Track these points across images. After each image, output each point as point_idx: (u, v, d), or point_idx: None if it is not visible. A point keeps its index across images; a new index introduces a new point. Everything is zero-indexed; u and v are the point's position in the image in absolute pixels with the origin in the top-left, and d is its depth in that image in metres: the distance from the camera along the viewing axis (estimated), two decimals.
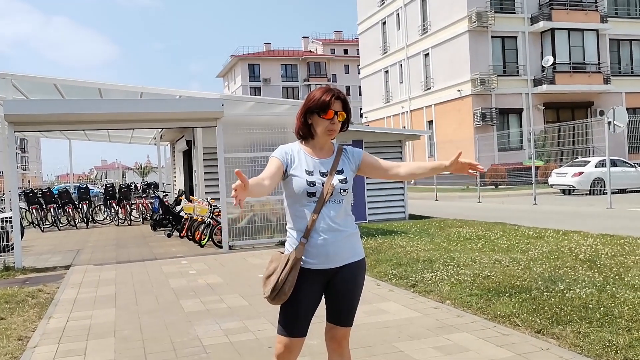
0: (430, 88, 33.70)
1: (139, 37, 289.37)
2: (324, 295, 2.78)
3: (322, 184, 2.69)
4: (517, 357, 4.02)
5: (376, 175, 2.93)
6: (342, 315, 2.76)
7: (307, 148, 2.79)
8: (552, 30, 30.45)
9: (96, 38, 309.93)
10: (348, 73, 76.48)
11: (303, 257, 2.67)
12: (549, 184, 22.34)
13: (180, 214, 12.91)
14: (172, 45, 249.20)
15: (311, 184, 2.67)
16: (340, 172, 2.77)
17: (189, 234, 11.77)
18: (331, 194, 2.68)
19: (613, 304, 5.02)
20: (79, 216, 17.44)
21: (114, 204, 17.56)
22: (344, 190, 2.75)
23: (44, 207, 16.88)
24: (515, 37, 30.80)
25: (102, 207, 18.24)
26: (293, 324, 2.69)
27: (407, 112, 36.38)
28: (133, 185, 21.56)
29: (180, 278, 7.79)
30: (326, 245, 2.66)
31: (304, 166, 2.72)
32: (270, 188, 2.60)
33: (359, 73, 47.37)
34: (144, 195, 18.97)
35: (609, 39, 32.29)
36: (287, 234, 2.79)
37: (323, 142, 2.79)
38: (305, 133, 2.79)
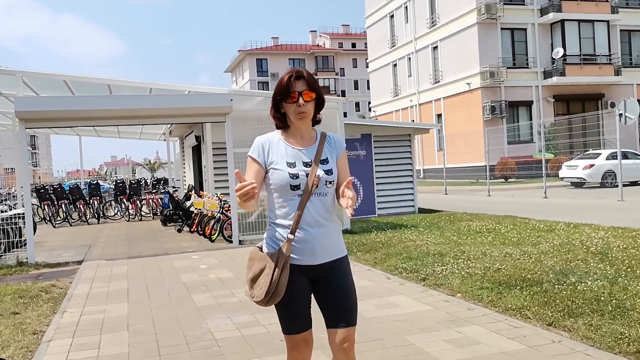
0: (439, 81, 33.53)
1: (146, 32, 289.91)
2: (317, 301, 2.61)
3: (306, 175, 2.49)
4: (528, 350, 4.02)
5: None
6: (342, 314, 2.53)
7: (287, 137, 2.59)
8: (562, 21, 30.15)
9: (103, 34, 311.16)
10: (356, 67, 76.25)
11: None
12: (560, 176, 22.20)
13: (190, 209, 12.98)
14: (179, 40, 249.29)
15: (294, 176, 2.48)
16: (325, 161, 2.56)
17: (199, 229, 11.83)
18: (316, 186, 2.48)
19: (625, 297, 5.00)
20: (90, 212, 17.61)
21: (124, 200, 17.72)
22: (330, 182, 2.53)
23: (56, 203, 17.06)
24: (525, 29, 30.51)
25: (113, 202, 18.41)
26: (291, 322, 2.57)
27: (415, 105, 36.24)
28: (143, 181, 21.73)
29: (192, 273, 7.84)
30: (312, 241, 2.50)
31: (284, 157, 2.52)
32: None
33: (367, 67, 47.19)
34: (154, 190, 19.08)
35: (620, 30, 31.90)
36: (267, 227, 2.61)
37: (301, 129, 2.58)
38: (281, 123, 2.60)
